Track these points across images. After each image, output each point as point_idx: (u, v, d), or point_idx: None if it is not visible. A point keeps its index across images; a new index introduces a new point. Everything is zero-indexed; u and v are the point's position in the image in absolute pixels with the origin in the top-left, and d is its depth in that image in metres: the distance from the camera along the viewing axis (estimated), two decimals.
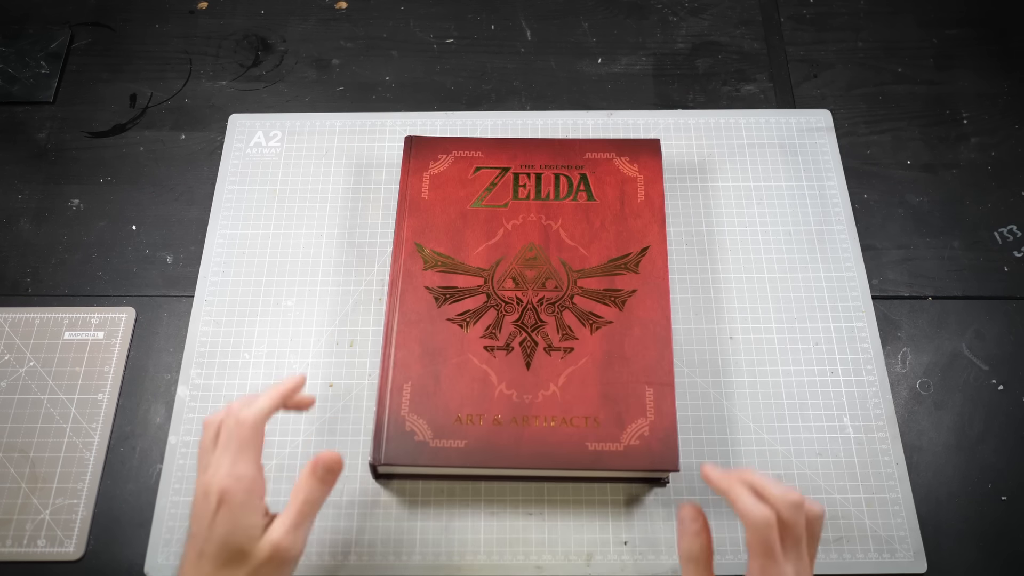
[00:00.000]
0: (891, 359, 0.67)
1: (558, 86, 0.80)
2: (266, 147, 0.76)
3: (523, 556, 0.60)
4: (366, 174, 0.74)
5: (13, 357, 0.67)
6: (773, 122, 0.77)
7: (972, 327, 0.68)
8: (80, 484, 0.62)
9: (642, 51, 0.82)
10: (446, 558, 0.60)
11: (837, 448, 0.63)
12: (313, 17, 0.84)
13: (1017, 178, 0.75)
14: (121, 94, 0.80)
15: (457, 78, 0.80)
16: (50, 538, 0.61)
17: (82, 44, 0.83)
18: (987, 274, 0.71)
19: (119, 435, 0.64)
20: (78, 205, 0.74)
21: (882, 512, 0.61)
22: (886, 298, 0.69)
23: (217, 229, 0.72)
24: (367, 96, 0.79)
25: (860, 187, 0.74)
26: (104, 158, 0.76)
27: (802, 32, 0.83)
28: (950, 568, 0.60)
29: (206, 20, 0.84)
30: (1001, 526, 0.61)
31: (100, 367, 0.67)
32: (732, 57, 0.81)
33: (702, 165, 0.74)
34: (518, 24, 0.84)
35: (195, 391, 0.65)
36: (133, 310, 0.69)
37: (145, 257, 0.72)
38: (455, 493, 0.62)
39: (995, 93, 0.79)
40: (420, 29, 0.83)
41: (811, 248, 0.71)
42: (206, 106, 0.79)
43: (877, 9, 0.84)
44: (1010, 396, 0.66)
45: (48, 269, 0.71)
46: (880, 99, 0.79)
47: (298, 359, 0.66)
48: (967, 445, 0.64)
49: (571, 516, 0.61)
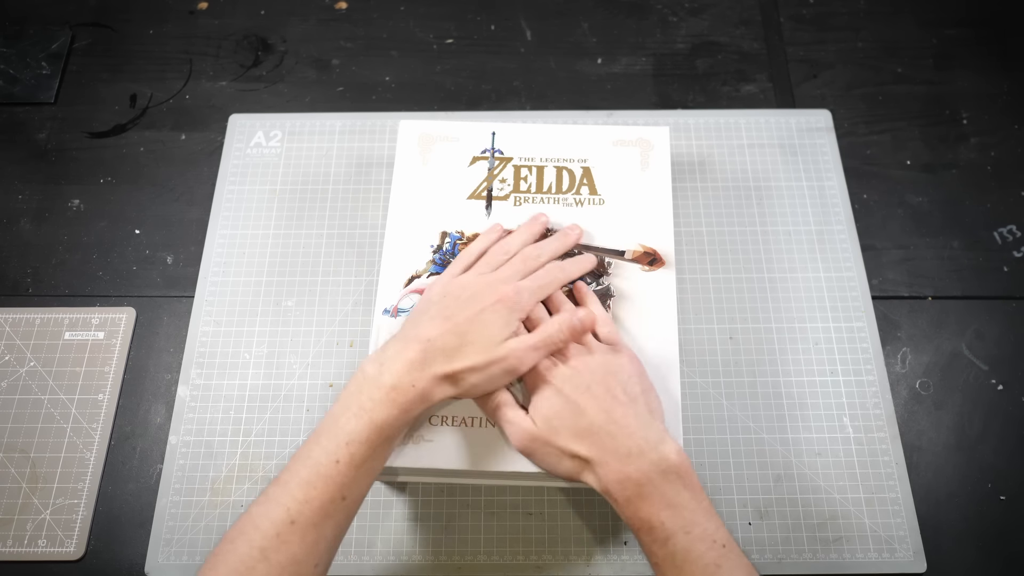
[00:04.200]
0: (891, 359, 0.67)
1: (558, 86, 0.80)
2: (266, 147, 0.76)
3: (523, 556, 0.60)
4: (366, 174, 0.74)
5: (13, 357, 0.67)
6: (773, 122, 0.77)
7: (972, 327, 0.68)
8: (80, 484, 0.62)
9: (642, 51, 0.82)
10: (446, 558, 0.60)
11: (837, 448, 0.63)
12: (313, 17, 0.84)
13: (1017, 178, 0.75)
14: (121, 94, 0.80)
15: (457, 78, 0.81)
16: (50, 538, 0.61)
17: (82, 44, 0.83)
18: (987, 274, 0.71)
19: (119, 435, 0.65)
20: (78, 205, 0.74)
21: (882, 512, 0.61)
22: (886, 298, 0.69)
23: (217, 229, 0.72)
24: (367, 96, 0.80)
25: (860, 187, 0.74)
26: (104, 158, 0.77)
27: (802, 32, 0.83)
28: (950, 568, 0.60)
29: (206, 20, 0.84)
30: (1001, 526, 0.61)
31: (100, 367, 0.67)
32: (732, 57, 0.81)
33: (702, 165, 0.75)
34: (518, 24, 0.84)
35: (195, 391, 0.65)
36: (133, 310, 0.69)
37: (145, 257, 0.72)
38: (455, 493, 0.62)
39: (995, 93, 0.79)
40: (420, 29, 0.83)
41: (811, 248, 0.71)
42: (206, 106, 0.79)
43: (877, 9, 0.84)
44: (1010, 396, 0.66)
45: (48, 269, 0.71)
46: (880, 99, 0.79)
47: (298, 359, 0.66)
48: (967, 445, 0.64)
49: (571, 516, 0.61)
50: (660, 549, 0.48)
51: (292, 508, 0.46)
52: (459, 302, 0.52)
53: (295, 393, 0.65)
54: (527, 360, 0.51)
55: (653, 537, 0.48)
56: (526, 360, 0.51)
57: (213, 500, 0.62)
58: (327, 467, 0.47)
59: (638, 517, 0.48)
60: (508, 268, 0.56)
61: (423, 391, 0.49)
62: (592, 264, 0.60)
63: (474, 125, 0.68)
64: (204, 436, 0.64)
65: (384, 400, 0.49)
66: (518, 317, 0.53)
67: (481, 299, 0.52)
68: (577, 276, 0.59)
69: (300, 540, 0.46)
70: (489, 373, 0.51)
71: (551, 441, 0.50)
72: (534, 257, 0.57)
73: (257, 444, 0.63)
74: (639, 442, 0.49)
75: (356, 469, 0.48)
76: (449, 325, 0.51)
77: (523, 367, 0.51)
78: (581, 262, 0.59)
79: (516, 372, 0.51)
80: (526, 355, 0.51)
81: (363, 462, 0.48)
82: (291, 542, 0.46)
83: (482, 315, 0.51)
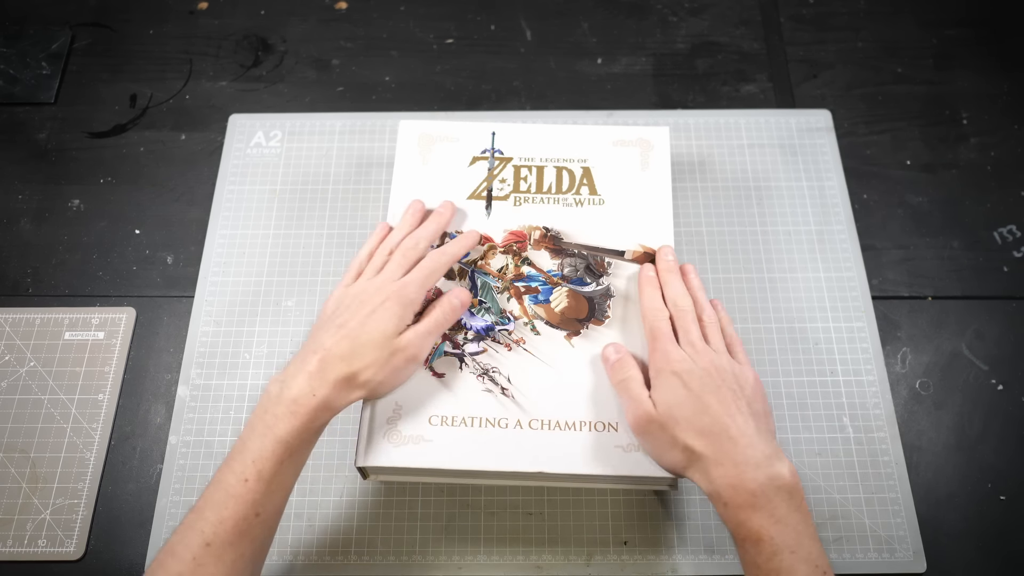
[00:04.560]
0: (891, 359, 0.67)
1: (558, 86, 0.80)
2: (266, 147, 0.76)
3: (523, 556, 0.60)
4: (366, 174, 0.74)
5: (13, 357, 0.67)
6: (773, 122, 0.77)
7: (972, 327, 0.68)
8: (80, 484, 0.62)
9: (642, 51, 0.82)
10: (446, 558, 0.60)
11: (837, 448, 0.63)
12: (313, 17, 0.84)
13: (1017, 178, 0.75)
14: (121, 94, 0.80)
15: (457, 78, 0.81)
16: (51, 538, 0.61)
17: (82, 44, 0.83)
18: (987, 274, 0.71)
19: (119, 435, 0.65)
20: (78, 205, 0.74)
21: (882, 512, 0.61)
22: (886, 298, 0.69)
23: (217, 229, 0.72)
24: (367, 96, 0.80)
25: (860, 187, 0.74)
26: (104, 158, 0.77)
27: (802, 32, 0.83)
28: (950, 568, 0.60)
29: (206, 20, 0.84)
30: (1000, 526, 0.61)
31: (100, 367, 0.67)
32: (732, 57, 0.81)
33: (702, 165, 0.75)
34: (518, 24, 0.84)
35: (195, 391, 0.65)
36: (133, 310, 0.69)
37: (145, 257, 0.72)
38: (455, 493, 0.62)
39: (995, 93, 0.79)
40: (420, 29, 0.83)
41: (811, 248, 0.71)
42: (206, 106, 0.79)
43: (877, 9, 0.84)
44: (1010, 396, 0.66)
45: (48, 269, 0.71)
46: (880, 99, 0.79)
47: None
48: (967, 445, 0.64)
49: (571, 516, 0.61)
50: (765, 563, 0.48)
51: (206, 531, 0.47)
52: (350, 309, 0.55)
53: None
54: (425, 346, 0.56)
55: (759, 550, 0.48)
56: (424, 346, 0.55)
57: None
58: (236, 487, 0.49)
59: (746, 527, 0.49)
60: (391, 266, 0.58)
61: (325, 398, 0.51)
62: (475, 239, 0.62)
63: (474, 125, 0.68)
64: (204, 436, 0.64)
65: (286, 414, 0.50)
66: (411, 311, 0.56)
67: (370, 301, 0.55)
68: (462, 252, 0.61)
69: (217, 561, 0.47)
70: (392, 366, 0.53)
71: (669, 428, 0.52)
72: (412, 247, 0.59)
73: None
74: (757, 454, 0.50)
75: (266, 485, 0.49)
76: (344, 331, 0.53)
77: (423, 354, 0.56)
78: (462, 241, 0.61)
79: (418, 359, 0.56)
80: (423, 341, 0.55)
81: (272, 477, 0.49)
82: (207, 564, 0.47)
83: (373, 315, 0.54)
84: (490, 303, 0.61)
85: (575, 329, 0.60)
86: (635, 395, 0.54)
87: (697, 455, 0.51)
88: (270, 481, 0.49)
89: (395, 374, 0.54)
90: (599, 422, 0.56)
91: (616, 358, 0.56)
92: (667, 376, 0.53)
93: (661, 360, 0.54)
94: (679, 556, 0.59)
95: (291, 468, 0.51)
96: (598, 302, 0.61)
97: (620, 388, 0.55)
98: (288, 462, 0.50)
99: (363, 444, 0.55)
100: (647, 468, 0.55)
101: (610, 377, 0.57)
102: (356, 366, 0.52)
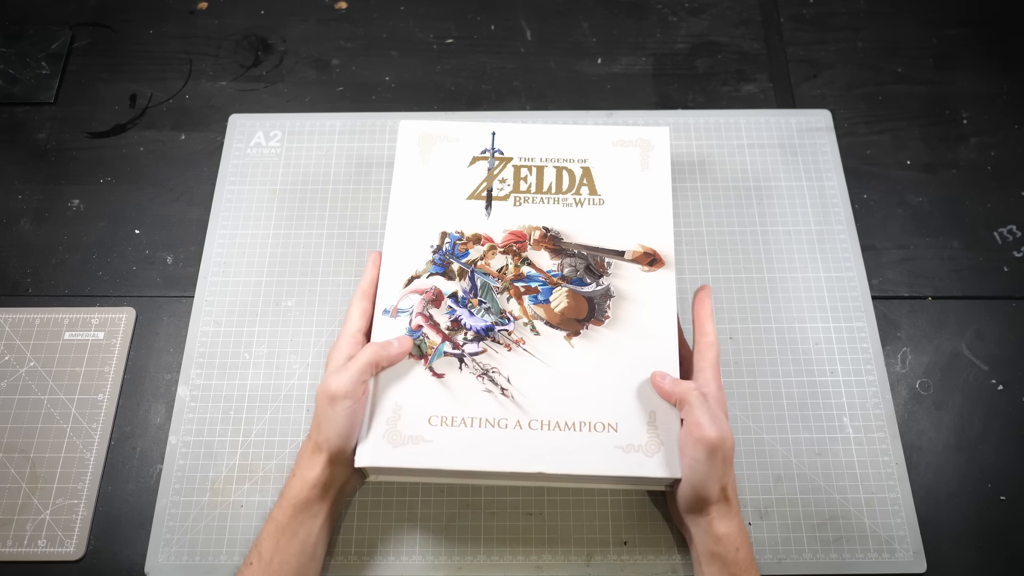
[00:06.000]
0: (891, 359, 0.67)
1: (558, 86, 0.80)
2: (266, 147, 0.76)
3: (523, 556, 0.60)
4: (366, 174, 0.74)
5: (13, 357, 0.67)
6: (773, 122, 0.77)
7: (972, 327, 0.68)
8: (80, 484, 0.62)
9: (642, 51, 0.82)
10: (446, 558, 0.60)
11: (837, 448, 0.63)
12: (313, 17, 0.84)
13: (1017, 178, 0.75)
14: (121, 94, 0.80)
15: (457, 78, 0.81)
16: (50, 538, 0.61)
17: (82, 44, 0.83)
18: (987, 274, 0.71)
19: (119, 435, 0.65)
20: (78, 205, 0.74)
21: (882, 512, 0.61)
22: (886, 298, 0.69)
23: (217, 229, 0.72)
24: (367, 96, 0.80)
25: (860, 187, 0.74)
26: (104, 158, 0.77)
27: (802, 32, 0.83)
28: (950, 568, 0.60)
29: (206, 20, 0.84)
30: (1001, 526, 0.61)
31: (100, 367, 0.67)
32: (732, 57, 0.81)
33: (702, 165, 0.75)
34: (518, 24, 0.84)
35: (195, 391, 0.65)
36: (133, 310, 0.69)
37: (145, 257, 0.72)
38: (455, 493, 0.62)
39: (995, 93, 0.79)
40: (420, 29, 0.83)
41: (811, 248, 0.71)
42: (206, 106, 0.79)
43: (877, 9, 0.84)
44: (1010, 396, 0.66)
45: (48, 269, 0.71)
46: (880, 99, 0.79)
47: (298, 359, 0.67)
48: (967, 445, 0.64)
49: (571, 516, 0.61)
50: None
51: None
52: None
53: (295, 393, 0.65)
54: (357, 390, 0.54)
55: None
56: (356, 389, 0.54)
57: (213, 500, 0.62)
58: (244, 571, 0.54)
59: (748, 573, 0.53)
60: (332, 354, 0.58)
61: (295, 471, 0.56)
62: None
63: (474, 125, 0.68)
64: (204, 436, 0.64)
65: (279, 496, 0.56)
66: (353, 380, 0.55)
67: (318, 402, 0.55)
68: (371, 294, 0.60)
69: None
70: (335, 410, 0.53)
71: (728, 462, 0.53)
72: None
73: (257, 444, 0.63)
74: None
75: (267, 565, 0.54)
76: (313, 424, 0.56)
77: (358, 392, 0.54)
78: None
79: (354, 397, 0.54)
80: (354, 388, 0.54)
81: (272, 557, 0.54)
82: None
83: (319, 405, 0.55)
84: (490, 303, 0.61)
85: (575, 329, 0.60)
86: (698, 418, 0.53)
87: (727, 498, 0.54)
88: (270, 562, 0.53)
89: (338, 417, 0.54)
90: (599, 422, 0.56)
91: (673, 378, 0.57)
92: (723, 416, 0.54)
93: (723, 394, 0.56)
94: (679, 556, 0.59)
95: (289, 547, 0.54)
96: (598, 302, 0.61)
97: (680, 406, 0.55)
98: (284, 540, 0.54)
99: (363, 445, 0.55)
100: (647, 468, 0.54)
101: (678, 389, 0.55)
102: (316, 435, 0.55)
